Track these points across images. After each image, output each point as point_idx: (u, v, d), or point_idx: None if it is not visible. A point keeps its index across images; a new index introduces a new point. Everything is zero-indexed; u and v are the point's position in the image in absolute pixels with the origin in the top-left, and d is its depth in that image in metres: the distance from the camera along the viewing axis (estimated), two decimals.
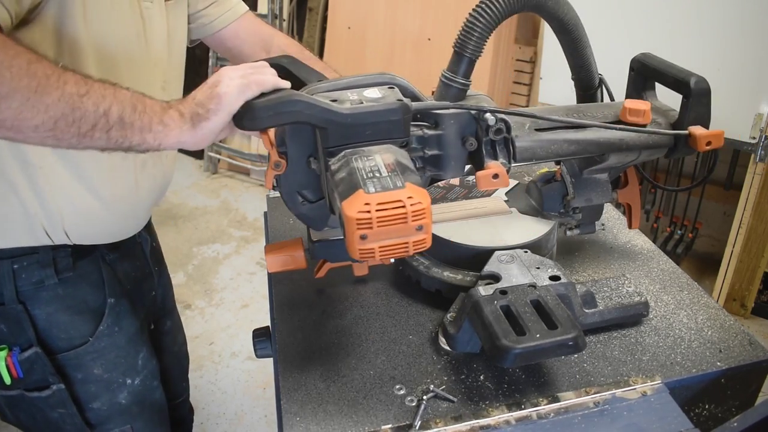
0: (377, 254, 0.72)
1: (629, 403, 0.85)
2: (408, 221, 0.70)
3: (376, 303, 1.08)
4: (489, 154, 0.93)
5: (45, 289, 1.07)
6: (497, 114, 0.90)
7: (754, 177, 2.37)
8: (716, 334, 0.99)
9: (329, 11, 3.38)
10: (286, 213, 1.37)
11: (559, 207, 1.09)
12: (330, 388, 0.90)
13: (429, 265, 1.04)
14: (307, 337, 1.00)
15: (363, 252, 0.71)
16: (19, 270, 1.05)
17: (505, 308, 0.86)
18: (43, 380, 1.10)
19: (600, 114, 1.03)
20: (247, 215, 3.63)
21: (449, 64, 0.95)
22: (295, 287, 1.12)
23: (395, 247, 0.72)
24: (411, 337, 0.99)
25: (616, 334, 0.99)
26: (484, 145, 0.92)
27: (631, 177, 1.15)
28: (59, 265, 1.07)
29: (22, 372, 1.08)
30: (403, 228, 0.71)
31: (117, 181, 1.08)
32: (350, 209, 0.70)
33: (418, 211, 0.71)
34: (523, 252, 0.99)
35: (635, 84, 1.11)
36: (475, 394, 0.88)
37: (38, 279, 1.06)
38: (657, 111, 1.06)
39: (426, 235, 0.72)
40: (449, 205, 1.14)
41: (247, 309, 2.84)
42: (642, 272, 1.15)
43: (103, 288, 1.14)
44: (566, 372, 0.91)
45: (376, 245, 0.71)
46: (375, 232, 0.70)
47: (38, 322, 1.07)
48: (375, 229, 0.70)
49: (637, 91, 1.11)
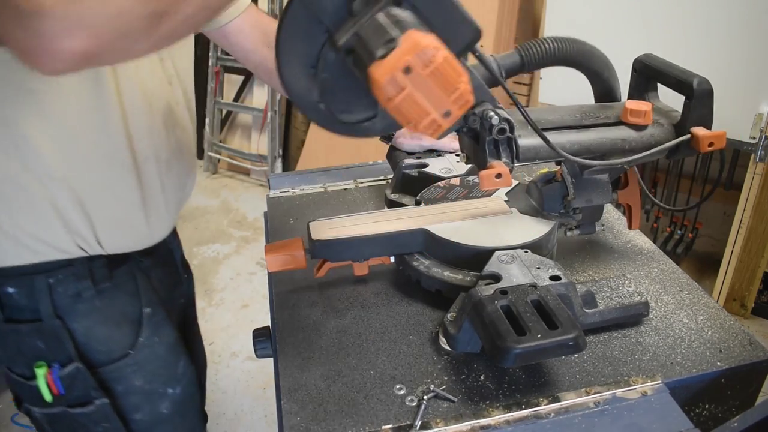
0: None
1: (629, 403, 0.85)
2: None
3: (376, 303, 1.08)
4: (492, 153, 0.93)
5: (82, 302, 1.05)
6: (500, 113, 0.90)
7: (754, 177, 2.38)
8: (716, 334, 0.99)
9: None
10: (286, 213, 1.37)
11: (560, 207, 1.10)
12: (330, 388, 0.90)
13: (429, 265, 1.04)
14: (307, 337, 1.00)
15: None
16: (55, 284, 1.03)
17: (505, 308, 0.86)
18: (86, 395, 1.08)
19: (603, 115, 1.03)
20: (247, 215, 3.63)
21: (504, 56, 1.01)
22: (295, 287, 1.12)
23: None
24: (411, 337, 0.99)
25: (616, 334, 0.99)
26: (487, 144, 0.92)
27: (631, 178, 1.16)
28: (96, 275, 1.05)
29: (63, 388, 1.06)
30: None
31: (143, 184, 1.07)
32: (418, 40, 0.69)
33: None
34: (523, 252, 0.99)
35: (638, 84, 1.11)
36: (476, 394, 0.88)
37: (75, 292, 1.04)
38: (659, 112, 1.06)
39: None
40: (449, 205, 1.14)
41: (247, 309, 2.84)
42: (642, 272, 1.15)
43: (139, 298, 1.12)
44: (566, 372, 0.91)
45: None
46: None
47: (77, 336, 1.05)
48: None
49: (639, 92, 1.11)
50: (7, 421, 2.04)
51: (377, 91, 0.73)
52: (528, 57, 1.03)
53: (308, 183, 1.48)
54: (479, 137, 0.92)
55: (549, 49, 1.03)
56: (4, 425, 2.18)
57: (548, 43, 1.03)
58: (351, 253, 1.06)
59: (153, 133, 1.06)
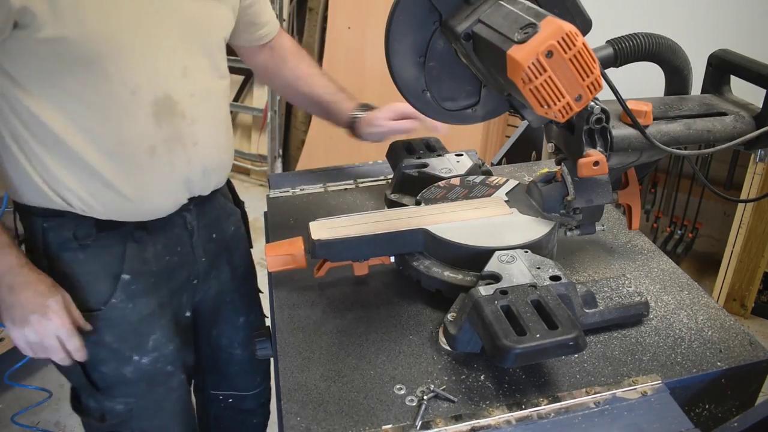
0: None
1: (629, 403, 0.85)
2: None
3: (376, 303, 1.08)
4: (587, 143, 0.96)
5: (68, 251, 1.14)
6: (599, 103, 0.93)
7: (754, 177, 2.37)
8: (716, 334, 0.99)
9: (329, 11, 3.38)
10: (286, 213, 1.37)
11: (560, 207, 1.09)
12: (330, 388, 0.90)
13: (429, 265, 1.04)
14: (307, 337, 1.00)
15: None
16: (48, 228, 1.13)
17: (505, 308, 0.86)
18: None
19: (686, 107, 1.06)
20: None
21: (597, 48, 1.02)
22: (295, 287, 1.12)
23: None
24: (411, 337, 0.99)
25: (616, 334, 0.99)
26: (584, 133, 0.94)
27: (631, 178, 1.15)
28: (79, 232, 1.13)
29: None
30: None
31: (125, 166, 1.10)
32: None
33: None
34: (523, 252, 0.99)
35: (713, 79, 1.13)
36: (476, 394, 0.88)
37: (61, 241, 1.13)
38: (738, 104, 1.09)
39: None
40: (450, 205, 1.14)
41: None
42: (642, 272, 1.15)
43: (122, 263, 1.17)
44: (567, 372, 0.91)
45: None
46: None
47: (59, 279, 1.12)
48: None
49: (714, 86, 1.13)
50: (7, 421, 2.03)
51: (516, 74, 0.76)
52: (621, 51, 1.02)
53: (308, 183, 1.48)
54: (574, 127, 0.94)
55: (641, 44, 1.02)
56: (4, 425, 2.17)
57: (640, 38, 1.02)
58: (351, 253, 1.06)
59: (140, 123, 1.09)
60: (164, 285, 1.24)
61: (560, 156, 1.07)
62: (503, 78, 0.81)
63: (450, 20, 0.86)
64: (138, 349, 1.21)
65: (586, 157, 0.94)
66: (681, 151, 1.01)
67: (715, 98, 1.12)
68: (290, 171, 3.69)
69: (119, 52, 1.03)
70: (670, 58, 1.06)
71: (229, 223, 1.39)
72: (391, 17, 0.85)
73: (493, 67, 0.85)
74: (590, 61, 0.76)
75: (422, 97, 0.94)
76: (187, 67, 1.12)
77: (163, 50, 1.08)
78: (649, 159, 1.07)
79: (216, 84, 1.21)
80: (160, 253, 1.23)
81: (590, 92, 0.78)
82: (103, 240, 1.15)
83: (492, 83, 0.95)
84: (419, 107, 0.96)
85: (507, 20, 0.79)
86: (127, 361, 1.21)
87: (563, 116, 0.79)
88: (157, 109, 1.09)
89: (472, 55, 0.85)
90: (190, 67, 1.13)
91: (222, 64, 1.22)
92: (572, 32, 0.74)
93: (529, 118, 0.98)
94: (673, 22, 2.34)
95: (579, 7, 0.85)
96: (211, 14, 1.17)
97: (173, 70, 1.11)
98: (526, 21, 0.76)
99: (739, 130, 1.05)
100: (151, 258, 1.21)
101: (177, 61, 1.11)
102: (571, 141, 0.98)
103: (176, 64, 1.11)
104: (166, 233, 1.23)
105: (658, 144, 0.96)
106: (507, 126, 3.26)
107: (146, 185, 1.14)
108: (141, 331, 1.21)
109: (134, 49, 1.04)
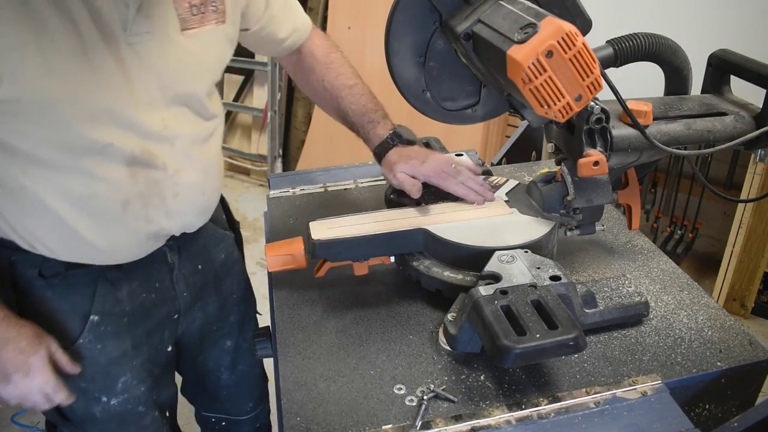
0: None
1: (629, 403, 0.85)
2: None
3: (376, 303, 1.08)
4: (587, 142, 0.96)
5: (36, 288, 1.08)
6: (599, 103, 0.93)
7: (754, 177, 2.37)
8: (716, 334, 0.99)
9: (329, 11, 3.38)
10: (286, 213, 1.37)
11: (560, 207, 1.09)
12: (330, 388, 0.90)
13: (429, 265, 1.04)
14: (307, 337, 1.00)
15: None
16: (16, 262, 1.07)
17: (505, 308, 0.86)
18: None
19: (686, 107, 1.06)
20: (247, 215, 3.62)
21: (597, 48, 1.02)
22: (295, 287, 1.12)
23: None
24: (411, 337, 0.99)
25: (616, 334, 0.99)
26: (584, 133, 0.94)
27: (631, 178, 1.15)
28: (46, 271, 1.07)
29: None
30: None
31: (95, 219, 1.04)
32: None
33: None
34: (523, 252, 0.99)
35: (713, 79, 1.13)
36: (476, 394, 0.88)
37: (28, 277, 1.07)
38: (738, 104, 1.09)
39: None
40: (450, 205, 1.14)
41: None
42: (642, 272, 1.15)
43: (91, 303, 1.11)
44: (567, 372, 0.91)
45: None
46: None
47: (28, 314, 1.07)
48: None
49: (714, 86, 1.14)
50: (7, 421, 2.03)
51: (516, 74, 0.76)
52: (621, 51, 1.02)
53: (308, 183, 1.48)
54: (574, 127, 0.94)
55: (641, 44, 1.02)
56: (4, 425, 2.17)
57: (640, 38, 1.02)
58: (351, 253, 1.06)
59: (112, 178, 1.02)
60: (140, 324, 1.17)
61: (560, 156, 1.07)
62: (503, 78, 0.81)
63: (450, 20, 0.86)
64: (106, 391, 1.16)
65: (586, 157, 0.94)
66: (681, 151, 1.01)
67: (715, 98, 1.12)
68: (290, 171, 3.69)
69: (79, 115, 0.94)
70: (670, 58, 1.06)
71: (219, 251, 1.29)
72: (391, 17, 0.86)
73: (493, 67, 0.85)
74: (590, 61, 0.76)
75: (422, 96, 0.95)
76: (166, 119, 1.03)
77: (139, 108, 0.99)
78: (649, 159, 1.07)
79: (202, 127, 1.11)
80: (135, 292, 1.15)
81: (590, 92, 0.78)
82: (71, 279, 1.09)
83: (492, 83, 0.95)
84: (419, 107, 0.96)
85: (507, 20, 0.79)
86: (95, 401, 1.16)
87: (563, 116, 0.79)
88: (133, 163, 1.02)
89: (472, 55, 0.85)
90: (169, 118, 1.03)
91: (211, 105, 1.12)
92: (572, 32, 0.74)
93: (529, 118, 0.98)
94: (673, 22, 2.34)
95: (579, 7, 0.85)
96: (202, 61, 1.07)
97: (151, 125, 1.01)
98: (526, 21, 0.76)
99: (739, 130, 1.05)
100: (124, 297, 1.14)
101: (155, 114, 1.02)
102: (571, 141, 0.98)
103: (154, 117, 1.02)
104: (143, 269, 1.15)
105: (658, 144, 0.96)
106: (507, 126, 3.26)
107: (119, 237, 1.07)
108: (110, 372, 1.15)
109: (100, 111, 0.96)
